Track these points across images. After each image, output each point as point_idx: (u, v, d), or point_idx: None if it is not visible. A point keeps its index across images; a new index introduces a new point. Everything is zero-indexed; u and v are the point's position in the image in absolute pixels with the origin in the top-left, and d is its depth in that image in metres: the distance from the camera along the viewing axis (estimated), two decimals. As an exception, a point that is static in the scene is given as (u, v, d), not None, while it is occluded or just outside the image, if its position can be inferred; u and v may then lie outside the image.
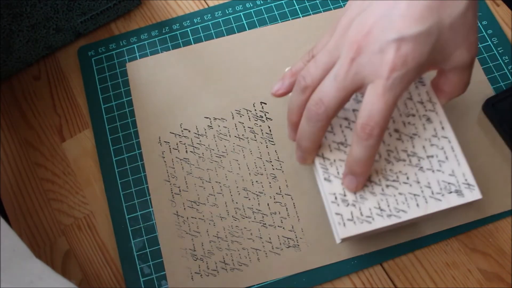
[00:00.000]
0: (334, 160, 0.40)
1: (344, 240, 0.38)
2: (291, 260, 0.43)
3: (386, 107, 0.34)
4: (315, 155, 0.40)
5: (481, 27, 0.51)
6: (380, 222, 0.38)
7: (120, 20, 0.53)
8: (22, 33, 0.47)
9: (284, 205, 0.44)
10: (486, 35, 0.50)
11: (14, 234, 0.35)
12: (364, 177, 0.37)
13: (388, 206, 0.38)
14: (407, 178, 0.39)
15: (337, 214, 0.38)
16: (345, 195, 0.39)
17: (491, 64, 0.49)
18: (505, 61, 0.49)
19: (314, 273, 0.42)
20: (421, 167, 0.39)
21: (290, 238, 0.43)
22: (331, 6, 0.52)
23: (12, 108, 0.50)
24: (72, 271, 0.44)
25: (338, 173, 0.39)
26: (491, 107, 0.45)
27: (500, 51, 0.49)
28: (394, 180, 0.39)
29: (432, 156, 0.39)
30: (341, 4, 0.52)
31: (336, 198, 0.39)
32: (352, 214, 0.38)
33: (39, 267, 0.34)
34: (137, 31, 0.52)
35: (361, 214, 0.38)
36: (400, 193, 0.38)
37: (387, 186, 0.39)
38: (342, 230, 0.38)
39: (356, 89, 0.35)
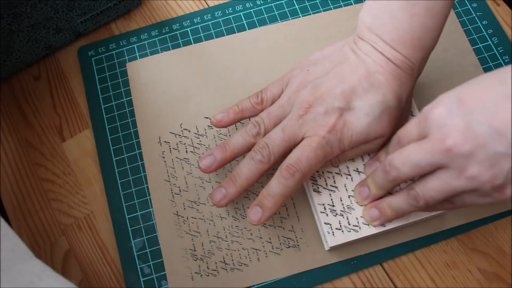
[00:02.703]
0: (323, 172, 0.42)
1: (332, 248, 0.41)
2: (291, 260, 0.43)
3: (315, 159, 0.38)
4: (238, 196, 0.41)
5: (481, 26, 0.50)
6: (366, 231, 0.40)
7: (120, 20, 0.53)
8: (22, 33, 0.47)
9: (284, 205, 0.44)
10: (486, 35, 0.50)
11: (14, 234, 0.35)
12: (270, 213, 0.39)
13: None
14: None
15: (326, 223, 0.41)
16: (333, 206, 0.41)
17: (491, 64, 0.49)
18: (505, 60, 0.49)
19: (314, 273, 0.42)
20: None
21: (290, 238, 0.43)
22: (331, 6, 0.52)
23: (12, 108, 0.50)
24: (72, 271, 0.44)
25: (326, 184, 0.42)
26: None
27: (500, 51, 0.49)
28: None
29: None
30: (341, 4, 0.52)
31: (325, 208, 0.41)
32: (340, 224, 0.40)
33: (39, 267, 0.34)
34: (137, 31, 0.52)
35: (349, 224, 0.40)
36: None
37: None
38: (331, 238, 0.40)
39: (297, 142, 0.39)
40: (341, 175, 0.42)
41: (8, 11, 0.44)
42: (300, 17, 0.52)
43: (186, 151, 0.47)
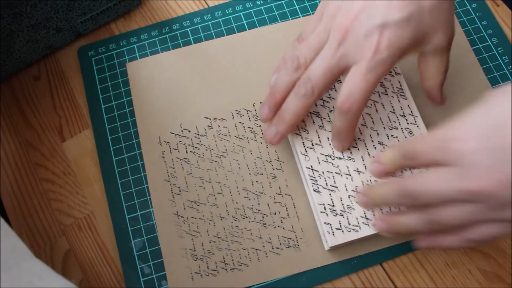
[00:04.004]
0: (323, 172, 0.42)
1: (332, 247, 0.41)
2: (291, 260, 0.43)
3: (366, 86, 0.37)
4: (287, 135, 0.41)
5: (481, 27, 0.51)
6: (366, 231, 0.40)
7: (120, 20, 0.53)
8: (22, 33, 0.47)
9: (284, 205, 0.44)
10: (486, 35, 0.50)
11: (14, 234, 0.35)
12: (348, 142, 0.41)
13: (374, 215, 0.41)
14: None
15: (326, 223, 0.40)
16: (333, 206, 0.41)
17: (491, 64, 0.49)
18: (505, 61, 0.49)
19: (314, 273, 0.42)
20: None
21: (290, 238, 0.43)
22: (331, 6, 0.52)
23: (12, 108, 0.50)
24: (72, 271, 0.44)
25: (326, 184, 0.42)
26: None
27: (500, 51, 0.49)
28: None
29: None
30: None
31: (325, 208, 0.41)
32: (340, 224, 0.40)
33: (39, 267, 0.34)
34: (137, 31, 0.52)
35: (349, 223, 0.40)
36: None
37: None
38: (331, 238, 0.40)
39: (342, 71, 0.38)
40: (341, 175, 0.42)
41: (8, 11, 0.44)
42: (300, 17, 0.52)
43: (186, 151, 0.47)
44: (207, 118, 0.48)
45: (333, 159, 0.42)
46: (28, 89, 0.51)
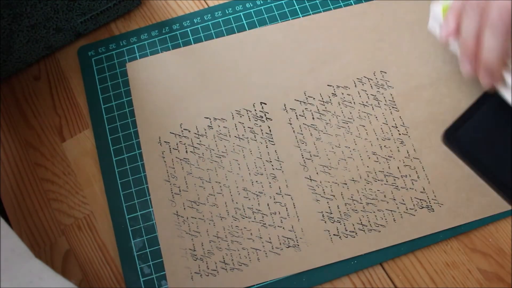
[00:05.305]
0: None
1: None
2: (291, 260, 0.43)
3: None
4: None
5: (481, 27, 0.50)
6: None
7: (120, 20, 0.53)
8: (22, 33, 0.47)
9: (284, 205, 0.44)
10: (486, 35, 0.50)
11: (14, 234, 0.35)
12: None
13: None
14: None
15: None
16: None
17: (491, 64, 0.49)
18: (505, 61, 0.49)
19: (314, 273, 0.42)
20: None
21: (290, 238, 0.43)
22: (331, 6, 0.52)
23: (12, 108, 0.50)
24: (72, 271, 0.44)
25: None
26: (452, 139, 0.44)
27: (500, 51, 0.49)
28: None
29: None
30: (341, 4, 0.52)
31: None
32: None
33: (39, 267, 0.34)
34: (137, 31, 0.52)
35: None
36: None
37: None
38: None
39: None
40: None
41: (8, 11, 0.44)
42: (300, 17, 0.52)
43: (186, 151, 0.47)
44: (207, 118, 0.48)
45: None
46: (28, 89, 0.51)
